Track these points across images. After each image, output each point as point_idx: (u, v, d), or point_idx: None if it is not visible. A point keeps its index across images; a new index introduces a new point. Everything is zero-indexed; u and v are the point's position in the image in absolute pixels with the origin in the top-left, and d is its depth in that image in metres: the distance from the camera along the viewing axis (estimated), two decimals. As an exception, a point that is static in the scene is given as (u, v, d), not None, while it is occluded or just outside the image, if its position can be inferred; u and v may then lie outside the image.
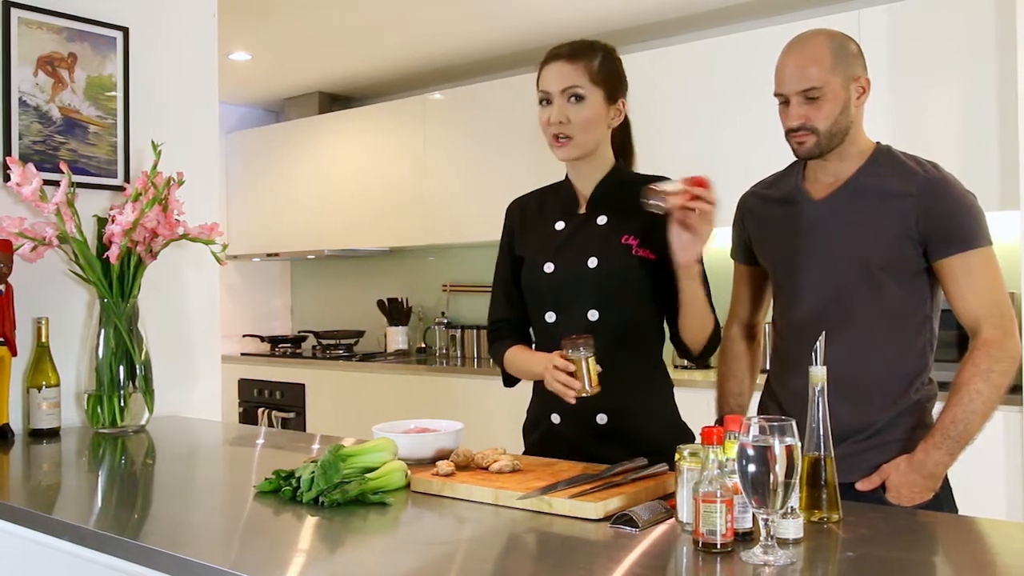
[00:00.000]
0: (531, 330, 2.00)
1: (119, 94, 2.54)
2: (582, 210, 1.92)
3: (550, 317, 1.89)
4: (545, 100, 1.86)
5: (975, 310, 1.77)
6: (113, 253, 2.25)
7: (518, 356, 1.94)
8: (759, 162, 2.19)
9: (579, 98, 1.83)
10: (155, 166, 2.35)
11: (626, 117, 1.95)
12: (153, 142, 2.39)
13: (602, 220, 1.89)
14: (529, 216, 2.00)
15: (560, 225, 1.92)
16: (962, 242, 1.76)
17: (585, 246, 1.87)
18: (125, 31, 2.55)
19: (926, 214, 1.77)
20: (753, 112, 3.68)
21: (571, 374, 1.68)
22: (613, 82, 1.87)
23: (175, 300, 2.66)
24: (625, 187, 1.89)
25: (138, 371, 2.33)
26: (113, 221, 2.27)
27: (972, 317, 1.77)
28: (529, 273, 1.93)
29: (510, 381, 2.01)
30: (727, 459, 1.22)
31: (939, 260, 1.78)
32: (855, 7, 3.68)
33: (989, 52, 3.25)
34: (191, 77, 2.75)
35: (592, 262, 1.85)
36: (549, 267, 1.89)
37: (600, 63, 1.86)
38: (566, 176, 1.98)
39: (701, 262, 1.76)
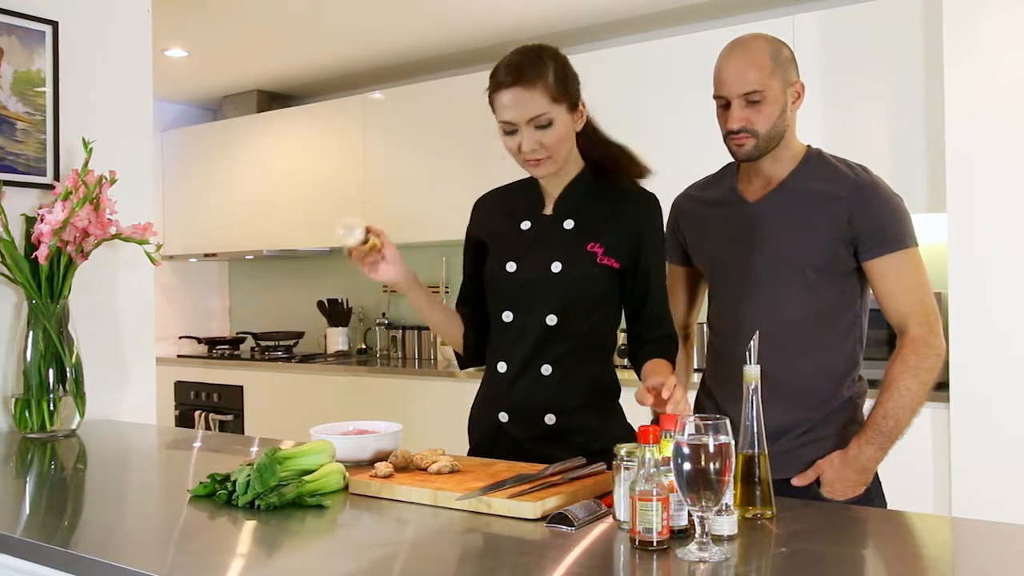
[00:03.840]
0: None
1: (48, 90, 2.47)
2: (548, 211, 1.90)
3: (507, 316, 1.88)
4: (510, 131, 1.79)
5: (903, 309, 1.82)
6: (42, 253, 2.20)
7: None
8: (691, 164, 2.22)
9: (548, 123, 1.77)
10: (86, 164, 2.30)
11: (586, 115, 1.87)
12: (84, 139, 2.34)
13: (569, 224, 1.86)
14: (495, 213, 1.98)
15: (526, 225, 1.90)
16: (891, 243, 1.81)
17: (550, 249, 1.85)
18: (54, 25, 2.48)
19: (857, 216, 1.81)
20: (686, 115, 3.73)
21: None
22: (571, 91, 1.80)
23: (108, 301, 2.60)
24: (595, 194, 1.88)
25: (68, 374, 2.27)
26: (42, 220, 2.22)
27: (900, 315, 1.83)
28: (492, 270, 1.91)
29: (464, 363, 2.03)
30: (663, 457, 1.24)
31: (869, 260, 1.82)
32: (789, 13, 3.75)
33: (917, 59, 3.34)
34: (124, 73, 2.69)
35: (556, 266, 1.83)
36: (512, 266, 1.87)
37: (555, 77, 1.77)
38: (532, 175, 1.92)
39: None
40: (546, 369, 1.84)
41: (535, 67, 1.76)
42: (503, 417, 1.89)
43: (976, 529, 1.48)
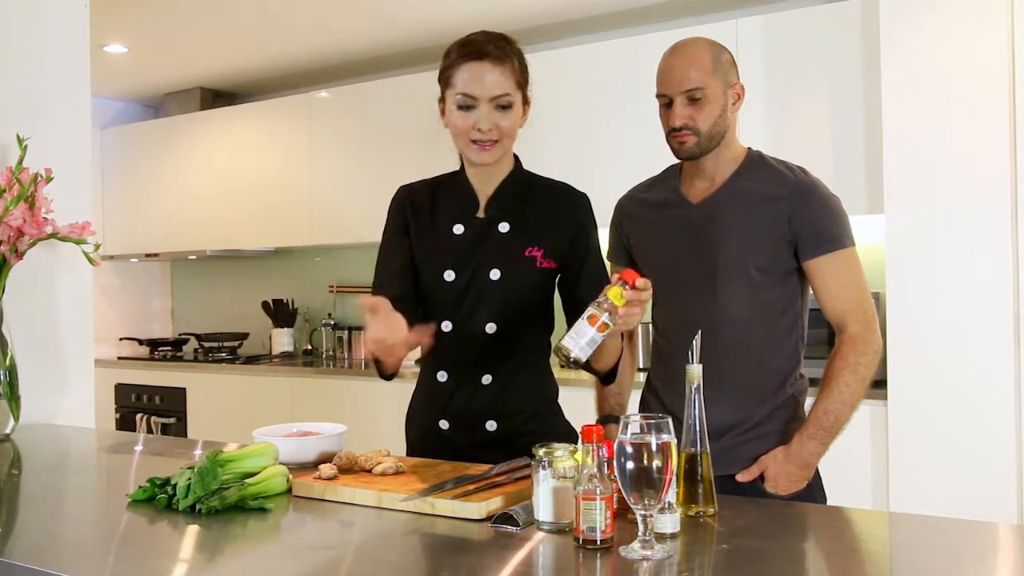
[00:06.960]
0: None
1: (-19, 85, 2.41)
2: (480, 213, 1.85)
3: (446, 326, 1.83)
4: (468, 104, 1.74)
5: (841, 307, 1.86)
6: (-26, 253, 2.14)
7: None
8: (636, 166, 2.23)
9: (508, 105, 1.75)
10: (20, 161, 2.24)
11: None
12: (18, 136, 2.28)
13: (504, 227, 1.82)
14: (421, 211, 1.89)
15: (459, 229, 1.84)
16: (830, 243, 1.85)
17: (487, 255, 1.81)
18: (-13, 19, 2.42)
19: (797, 216, 1.85)
20: (630, 116, 3.76)
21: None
22: (528, 83, 1.80)
23: (44, 302, 2.54)
24: (527, 190, 1.86)
25: (3, 377, 2.21)
26: (-26, 219, 2.16)
27: (839, 314, 1.86)
28: (428, 279, 1.84)
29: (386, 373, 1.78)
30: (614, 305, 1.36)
31: (808, 260, 1.86)
32: (732, 16, 3.80)
33: (855, 62, 3.41)
34: (61, 69, 2.63)
35: (494, 274, 1.80)
36: (450, 275, 1.82)
37: (519, 63, 1.77)
38: (460, 170, 1.88)
39: None
40: (486, 379, 1.82)
41: (504, 48, 1.76)
42: (443, 424, 1.87)
43: (913, 524, 1.52)
